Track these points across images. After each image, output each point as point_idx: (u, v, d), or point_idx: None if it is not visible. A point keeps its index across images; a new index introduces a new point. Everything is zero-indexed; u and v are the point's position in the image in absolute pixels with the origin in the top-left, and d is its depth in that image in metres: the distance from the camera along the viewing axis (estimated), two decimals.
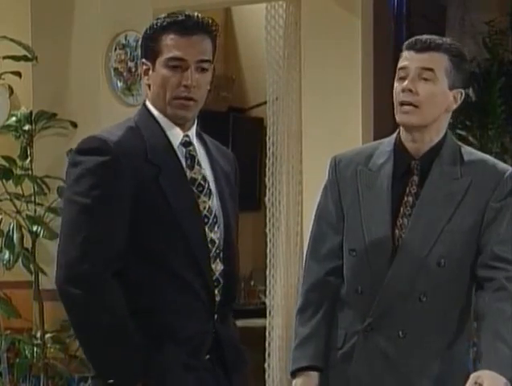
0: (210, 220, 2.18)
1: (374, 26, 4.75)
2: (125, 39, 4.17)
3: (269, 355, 4.97)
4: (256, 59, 5.67)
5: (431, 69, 2.33)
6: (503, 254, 2.34)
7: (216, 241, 2.18)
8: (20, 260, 4.10)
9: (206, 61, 2.16)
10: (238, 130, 6.17)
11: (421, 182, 2.35)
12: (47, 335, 4.10)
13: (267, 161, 5.04)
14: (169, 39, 2.14)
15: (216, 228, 2.18)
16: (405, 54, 2.37)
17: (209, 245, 2.16)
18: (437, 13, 5.17)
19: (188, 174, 2.17)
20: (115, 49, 4.17)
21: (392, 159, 2.38)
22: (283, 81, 4.91)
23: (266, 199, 5.01)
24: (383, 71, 4.62)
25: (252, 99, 6.21)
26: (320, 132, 4.69)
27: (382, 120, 4.33)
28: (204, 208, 2.17)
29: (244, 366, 2.21)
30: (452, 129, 5.25)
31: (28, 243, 4.15)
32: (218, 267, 2.17)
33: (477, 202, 2.36)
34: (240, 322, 6.22)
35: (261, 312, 5.20)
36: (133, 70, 4.19)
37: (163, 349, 2.08)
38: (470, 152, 2.44)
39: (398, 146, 2.39)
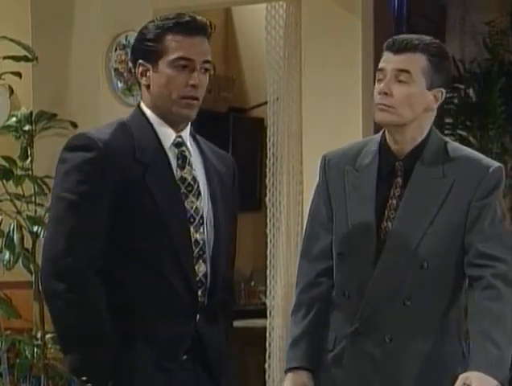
0: (196, 221, 2.17)
1: (375, 26, 4.75)
2: (126, 39, 4.17)
3: (269, 355, 4.97)
4: (256, 59, 5.67)
5: (407, 71, 2.32)
6: (488, 251, 2.34)
7: (200, 242, 2.18)
8: (20, 260, 4.10)
9: (209, 62, 2.20)
10: (239, 130, 6.17)
11: (405, 183, 2.35)
12: (48, 336, 4.09)
13: (268, 161, 5.04)
14: (174, 40, 2.14)
15: (201, 229, 2.18)
16: (384, 55, 2.37)
17: (193, 246, 2.16)
18: (437, 13, 5.17)
19: (178, 173, 2.18)
20: (115, 49, 4.17)
21: (377, 159, 2.37)
22: (284, 81, 4.91)
23: (267, 199, 5.01)
24: None
25: (252, 99, 6.21)
26: (320, 132, 4.69)
27: None
28: (192, 208, 2.17)
29: (229, 365, 2.22)
30: (452, 130, 5.29)
31: (28, 243, 4.15)
32: (201, 268, 2.17)
33: (461, 201, 2.35)
34: (240, 323, 6.26)
35: (261, 312, 5.20)
36: (133, 70, 4.19)
37: (136, 348, 2.09)
38: (455, 148, 2.42)
39: (383, 146, 2.39)
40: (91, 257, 2.08)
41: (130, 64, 2.25)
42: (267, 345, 4.97)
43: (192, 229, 2.16)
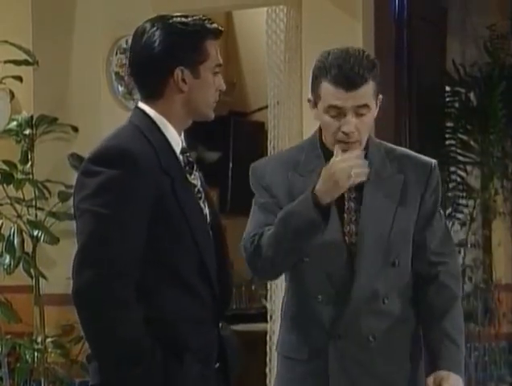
0: (209, 227, 2.18)
1: (375, 29, 4.75)
2: (127, 43, 4.17)
3: (270, 359, 4.96)
4: (257, 63, 5.67)
5: (365, 104, 2.32)
6: (439, 249, 2.40)
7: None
8: (21, 264, 4.10)
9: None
10: (239, 134, 6.17)
11: (357, 185, 2.35)
12: (48, 340, 4.10)
13: None
14: (212, 46, 2.15)
15: (210, 236, 2.18)
16: (332, 90, 2.30)
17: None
18: (438, 16, 5.17)
19: (189, 180, 2.17)
20: (116, 53, 4.18)
21: (324, 163, 2.36)
22: (284, 85, 4.91)
23: None
24: (384, 75, 4.61)
25: (253, 103, 6.21)
26: None
27: (383, 124, 4.33)
28: (204, 215, 2.17)
29: (239, 370, 2.22)
30: (453, 134, 5.29)
31: (29, 247, 4.15)
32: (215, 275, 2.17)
33: (413, 197, 2.40)
34: (241, 327, 6.25)
35: (262, 316, 5.20)
36: (134, 78, 4.19)
37: (182, 360, 2.07)
38: (390, 148, 2.46)
39: (325, 151, 2.39)
40: (131, 272, 2.03)
41: (151, 69, 2.14)
42: (268, 349, 4.97)
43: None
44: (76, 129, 4.18)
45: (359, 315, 2.35)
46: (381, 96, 2.39)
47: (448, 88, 4.96)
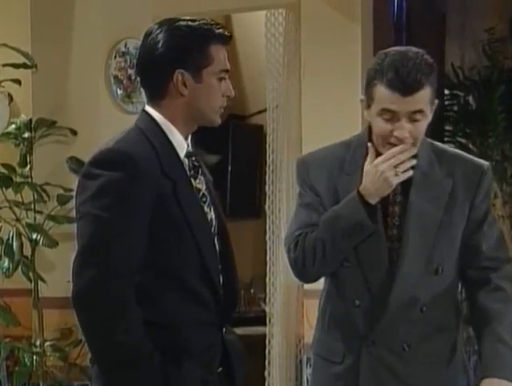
0: (213, 232, 2.17)
1: (374, 33, 4.76)
2: (125, 46, 4.17)
3: (269, 362, 4.96)
4: (256, 66, 5.67)
5: (421, 110, 2.27)
6: (493, 253, 2.35)
7: (218, 253, 2.17)
8: (20, 268, 4.09)
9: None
10: (238, 138, 6.17)
11: (403, 189, 2.32)
12: (47, 343, 4.09)
13: (267, 168, 5.04)
14: (217, 50, 2.12)
15: (215, 240, 2.17)
16: (387, 93, 2.24)
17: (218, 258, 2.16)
18: (437, 20, 5.18)
19: (193, 184, 2.16)
20: (115, 57, 4.18)
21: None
22: (283, 88, 4.91)
23: (266, 206, 5.01)
24: None
25: (252, 106, 6.21)
26: (320, 139, 4.65)
27: None
28: (209, 220, 2.16)
29: (243, 374, 2.21)
30: (452, 137, 5.29)
31: (28, 251, 4.15)
32: (220, 278, 2.16)
33: (463, 202, 2.34)
34: (240, 330, 6.21)
35: (261, 320, 5.20)
36: (133, 78, 4.19)
37: (181, 364, 2.06)
38: (442, 149, 2.41)
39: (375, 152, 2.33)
40: (131, 275, 2.02)
41: (151, 71, 2.13)
42: (267, 352, 4.96)
43: (215, 241, 2.15)
44: (74, 133, 4.17)
45: (395, 322, 2.30)
46: (436, 101, 2.33)
47: (446, 92, 4.96)
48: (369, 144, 2.27)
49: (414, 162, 2.25)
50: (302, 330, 4.82)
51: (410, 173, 2.24)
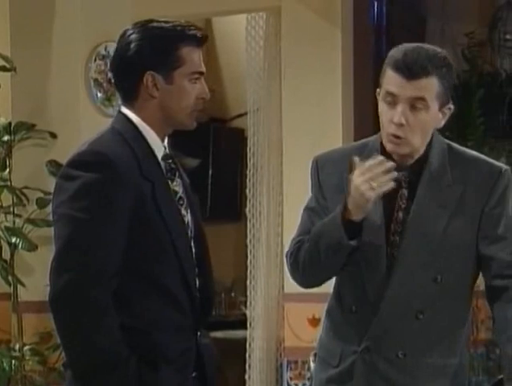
0: (189, 235, 2.16)
1: (354, 37, 4.77)
2: (105, 49, 4.16)
3: (249, 366, 4.96)
4: (236, 69, 5.68)
5: (423, 98, 2.20)
6: (511, 260, 2.26)
7: (194, 256, 2.16)
8: None
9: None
10: (219, 141, 6.17)
11: (410, 194, 2.27)
12: (26, 348, 4.07)
13: (248, 172, 5.04)
14: (189, 52, 2.09)
15: (192, 243, 2.16)
16: (392, 76, 2.22)
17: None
18: (417, 24, 5.20)
19: (171, 186, 2.14)
20: (95, 60, 4.17)
21: None
22: (264, 92, 4.92)
23: (247, 210, 5.01)
24: (363, 82, 4.64)
25: (232, 110, 6.21)
26: (300, 143, 4.70)
27: (363, 131, 4.35)
28: (185, 222, 2.15)
29: (215, 379, 2.20)
30: None
31: (7, 254, 4.12)
32: (197, 283, 2.15)
33: (473, 208, 2.26)
34: (220, 334, 6.22)
35: (241, 323, 5.19)
36: (113, 81, 4.18)
37: (157, 370, 2.04)
38: (459, 152, 2.32)
39: (385, 154, 2.27)
40: (108, 279, 2.01)
41: (122, 73, 2.13)
42: (247, 356, 4.96)
43: (192, 244, 2.14)
44: (54, 136, 4.15)
45: (390, 329, 2.26)
46: (451, 106, 2.26)
47: None
48: (355, 158, 2.21)
49: (394, 174, 2.18)
50: (282, 333, 4.82)
51: (390, 185, 2.18)
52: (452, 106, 2.28)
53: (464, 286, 2.31)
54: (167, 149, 2.17)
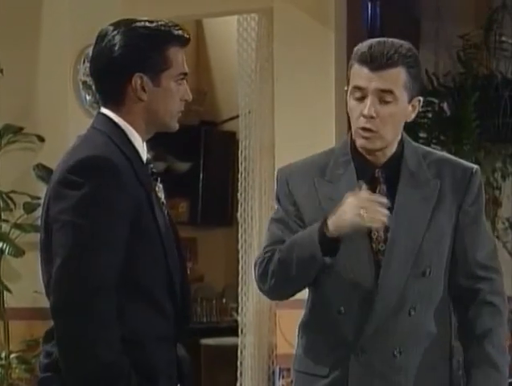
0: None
1: (348, 39, 4.77)
2: None
3: (241, 374, 4.95)
4: (228, 72, 5.68)
5: (390, 91, 2.22)
6: (486, 262, 2.31)
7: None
8: None
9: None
10: (210, 144, 6.17)
11: (389, 190, 2.29)
12: (12, 355, 4.06)
13: (239, 175, 5.04)
14: (175, 53, 2.08)
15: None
16: (358, 69, 2.24)
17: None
18: (411, 26, 5.21)
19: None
20: (83, 62, 4.16)
21: (353, 169, 2.30)
22: (256, 94, 4.92)
23: (238, 214, 5.01)
24: None
25: (224, 112, 6.22)
26: (293, 146, 4.70)
27: None
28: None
29: None
30: (426, 144, 5.31)
31: None
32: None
33: (450, 204, 2.30)
34: (211, 341, 6.20)
35: (233, 330, 5.19)
36: (93, 83, 4.17)
37: (155, 382, 2.03)
38: (428, 152, 2.37)
39: (356, 155, 2.30)
40: (111, 289, 1.98)
41: (103, 75, 2.10)
42: (239, 363, 4.95)
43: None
44: (42, 139, 4.15)
45: (383, 328, 2.25)
46: (420, 98, 2.28)
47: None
48: (363, 184, 2.23)
49: (386, 212, 2.19)
50: (274, 340, 4.81)
51: (378, 225, 2.19)
52: (421, 98, 2.30)
53: (445, 281, 2.33)
54: (147, 154, 2.15)
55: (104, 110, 2.13)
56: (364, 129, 2.25)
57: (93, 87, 2.20)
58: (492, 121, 4.84)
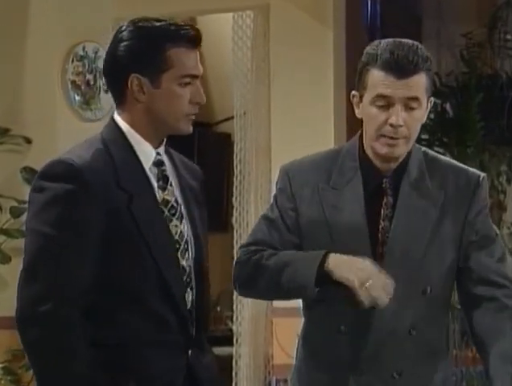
0: (181, 246, 2.13)
1: (347, 37, 4.78)
2: (83, 49, 4.15)
3: (236, 385, 4.95)
4: (222, 71, 5.68)
5: (416, 98, 2.21)
6: (502, 269, 2.29)
7: (187, 269, 2.13)
8: None
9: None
10: (204, 147, 6.16)
11: (395, 202, 2.27)
12: None
13: (235, 179, 5.04)
14: (178, 53, 2.07)
15: (187, 255, 2.13)
16: (381, 76, 2.20)
17: (182, 274, 2.12)
18: (412, 24, 5.21)
19: (160, 195, 2.12)
20: (72, 60, 4.15)
21: (360, 177, 2.28)
22: (251, 95, 4.92)
23: (234, 219, 5.01)
24: None
25: (218, 113, 6.21)
26: (290, 148, 4.69)
27: (356, 133, 4.35)
28: (176, 233, 2.12)
29: None
30: (428, 147, 5.30)
31: None
32: (190, 297, 2.13)
33: (454, 218, 2.28)
34: None
35: (227, 339, 5.18)
36: (91, 83, 4.17)
37: None
38: (435, 158, 2.34)
39: (364, 162, 2.28)
40: (74, 297, 2.00)
41: (107, 76, 2.11)
42: (234, 374, 4.95)
43: (179, 256, 2.11)
44: (29, 141, 4.14)
45: (383, 348, 2.24)
46: (432, 99, 2.28)
47: None
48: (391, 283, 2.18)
49: (386, 301, 2.18)
50: (271, 350, 4.81)
51: (379, 304, 2.18)
52: (432, 99, 2.30)
53: (447, 297, 2.33)
54: (164, 155, 2.15)
55: (115, 114, 2.15)
56: (391, 138, 2.23)
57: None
58: (496, 122, 4.85)
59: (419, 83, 2.22)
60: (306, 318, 2.37)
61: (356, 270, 2.17)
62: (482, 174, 2.35)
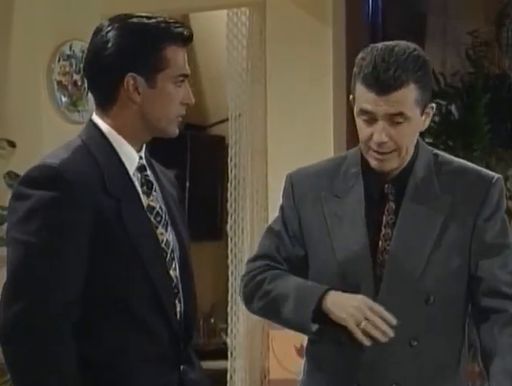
0: (168, 255, 2.13)
1: (347, 35, 4.79)
2: (70, 48, 4.16)
3: None
4: (216, 71, 5.68)
5: (400, 113, 2.21)
6: (510, 279, 2.27)
7: (174, 279, 2.14)
8: None
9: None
10: (197, 150, 6.17)
11: (397, 208, 2.28)
12: None
13: (229, 184, 5.04)
14: (173, 52, 2.09)
15: (173, 264, 2.14)
16: (363, 92, 2.21)
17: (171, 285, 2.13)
18: (416, 21, 5.23)
19: (145, 201, 2.13)
20: (58, 60, 4.16)
21: (361, 182, 2.29)
22: (247, 96, 4.93)
23: (228, 226, 5.01)
24: None
25: (212, 115, 6.22)
26: (287, 152, 4.71)
27: (356, 138, 4.35)
28: (162, 241, 2.13)
29: None
30: None
31: None
32: (178, 308, 2.13)
33: (464, 221, 2.27)
34: None
35: (222, 353, 5.18)
36: (78, 84, 4.18)
37: None
38: (447, 161, 2.34)
39: (366, 167, 2.30)
40: (60, 310, 1.99)
41: (98, 74, 2.10)
42: None
43: (167, 266, 2.12)
44: (13, 145, 4.14)
45: (382, 360, 2.25)
46: (433, 105, 2.28)
47: None
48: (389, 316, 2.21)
49: (391, 334, 2.19)
50: (267, 364, 4.81)
51: (379, 339, 2.19)
52: (434, 105, 2.30)
53: (458, 308, 2.31)
54: (144, 160, 2.16)
55: (93, 116, 2.14)
56: (377, 153, 2.24)
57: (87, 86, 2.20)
58: (504, 124, 4.86)
59: (404, 97, 2.21)
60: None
61: (351, 310, 2.20)
62: (497, 176, 2.33)
